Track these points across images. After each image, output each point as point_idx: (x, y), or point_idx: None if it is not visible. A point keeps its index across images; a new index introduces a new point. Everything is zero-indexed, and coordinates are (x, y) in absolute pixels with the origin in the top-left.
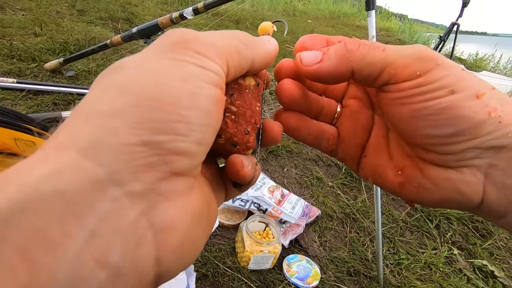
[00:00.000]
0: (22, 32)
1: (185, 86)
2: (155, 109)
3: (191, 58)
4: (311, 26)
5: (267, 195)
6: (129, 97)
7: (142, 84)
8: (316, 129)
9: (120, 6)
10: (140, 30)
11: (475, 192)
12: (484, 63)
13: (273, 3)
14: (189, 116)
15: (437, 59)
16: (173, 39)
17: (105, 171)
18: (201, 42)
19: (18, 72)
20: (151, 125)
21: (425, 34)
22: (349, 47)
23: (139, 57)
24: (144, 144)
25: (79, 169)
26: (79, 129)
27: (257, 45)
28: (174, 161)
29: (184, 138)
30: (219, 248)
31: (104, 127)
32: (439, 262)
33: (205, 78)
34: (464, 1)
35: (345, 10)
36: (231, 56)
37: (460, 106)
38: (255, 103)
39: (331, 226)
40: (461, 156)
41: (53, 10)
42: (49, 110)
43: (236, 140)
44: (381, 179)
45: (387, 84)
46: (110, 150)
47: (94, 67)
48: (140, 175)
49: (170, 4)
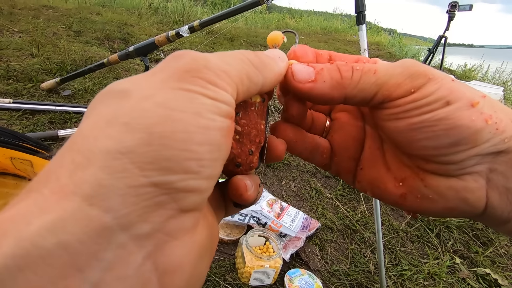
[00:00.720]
0: (19, 53)
1: (198, 120)
2: (168, 147)
3: (202, 89)
4: (304, 42)
5: (266, 208)
6: (140, 134)
7: (153, 120)
8: (311, 142)
9: (116, 27)
10: (137, 49)
11: (478, 199)
12: (473, 73)
13: (266, 21)
14: (201, 152)
15: (428, 73)
16: (184, 66)
17: (112, 217)
18: (213, 69)
19: (15, 92)
20: (163, 165)
21: (415, 47)
22: (343, 74)
23: (145, 84)
24: (154, 185)
25: (84, 218)
26: (83, 171)
27: (268, 68)
28: (184, 198)
29: (195, 176)
30: (218, 265)
31: (111, 169)
32: (442, 272)
33: (217, 110)
34: (450, 15)
35: (336, 26)
36: (242, 82)
37: (457, 116)
38: (260, 121)
39: (332, 238)
40: (463, 165)
41: (50, 31)
42: (46, 129)
43: (239, 161)
44: (380, 191)
45: (382, 103)
46: (118, 194)
47: (91, 86)
48: (148, 215)
49: (166, 24)
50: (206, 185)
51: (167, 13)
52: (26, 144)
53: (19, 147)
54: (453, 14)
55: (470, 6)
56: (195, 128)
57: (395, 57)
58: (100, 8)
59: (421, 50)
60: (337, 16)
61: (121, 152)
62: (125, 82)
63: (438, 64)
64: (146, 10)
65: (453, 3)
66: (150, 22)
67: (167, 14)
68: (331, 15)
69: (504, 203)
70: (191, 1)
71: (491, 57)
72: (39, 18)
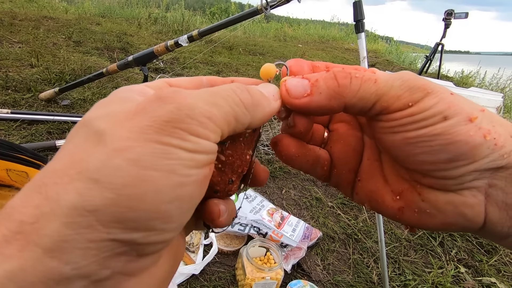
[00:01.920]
0: (18, 63)
1: (171, 179)
2: (134, 209)
3: (181, 142)
4: (302, 50)
5: (267, 218)
6: (107, 194)
7: (123, 180)
8: (312, 155)
9: (116, 36)
10: (136, 58)
11: (477, 214)
12: (470, 80)
13: (264, 30)
14: (169, 210)
15: (427, 87)
16: (166, 115)
17: (71, 268)
18: (197, 117)
19: (13, 103)
20: (127, 225)
21: (412, 55)
22: (341, 82)
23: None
24: (117, 240)
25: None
26: (47, 223)
27: (259, 108)
28: (144, 249)
29: (159, 232)
30: (218, 277)
31: (75, 225)
32: (447, 281)
33: (193, 163)
34: (446, 23)
35: (333, 34)
36: (228, 124)
37: (454, 131)
38: (246, 151)
39: (334, 248)
40: (461, 180)
41: (49, 42)
42: (43, 140)
43: (217, 189)
44: (378, 204)
45: (379, 114)
46: (79, 248)
47: (90, 95)
48: (108, 263)
49: (165, 33)
50: (170, 237)
51: (166, 23)
52: (22, 156)
53: (15, 159)
54: (449, 22)
55: (466, 14)
56: (166, 188)
57: (392, 65)
58: (100, 18)
59: (418, 57)
60: (335, 25)
61: (87, 210)
62: (106, 118)
63: (435, 70)
64: (145, 20)
65: (449, 11)
66: (149, 32)
67: (166, 24)
68: (329, 24)
69: (504, 219)
70: (190, 11)
71: (487, 63)
72: (39, 28)
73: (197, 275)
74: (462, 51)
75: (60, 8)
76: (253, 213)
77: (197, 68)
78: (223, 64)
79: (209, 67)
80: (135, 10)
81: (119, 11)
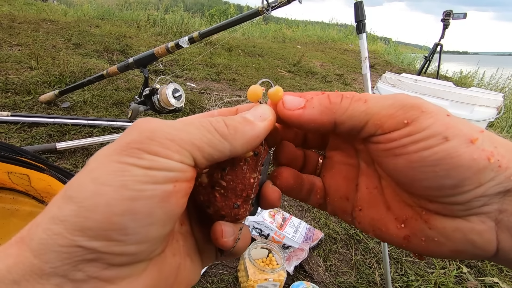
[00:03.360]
0: (18, 66)
1: (121, 193)
2: (90, 219)
3: (138, 160)
4: (301, 51)
5: (268, 219)
6: (73, 207)
7: (85, 194)
8: (308, 184)
9: (115, 39)
10: (136, 60)
11: (487, 241)
12: (469, 80)
13: (263, 31)
14: (122, 222)
15: (421, 106)
16: (129, 138)
17: (50, 267)
18: (157, 139)
19: (13, 105)
20: (87, 233)
21: (410, 55)
22: (332, 100)
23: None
24: (82, 247)
25: (30, 266)
26: (34, 229)
27: (239, 134)
28: (111, 259)
29: (119, 243)
30: (221, 279)
31: (50, 231)
32: (450, 282)
33: (147, 179)
34: (444, 24)
35: (332, 35)
36: (199, 149)
37: (457, 154)
38: (250, 175)
39: (336, 249)
40: (469, 206)
41: (49, 44)
42: (44, 142)
43: (223, 214)
44: (382, 233)
45: (374, 135)
46: (53, 251)
47: (90, 98)
48: (81, 267)
49: (164, 35)
50: (136, 249)
51: (165, 25)
52: (24, 158)
53: (16, 161)
54: (447, 22)
55: (464, 15)
56: (116, 201)
57: (391, 65)
58: (99, 21)
59: (417, 57)
60: (333, 26)
61: (60, 219)
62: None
63: (434, 71)
64: (144, 22)
65: (447, 12)
66: (148, 34)
67: (165, 26)
68: (327, 25)
69: None
70: (189, 13)
71: (485, 63)
72: (39, 31)
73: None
74: (461, 52)
75: (59, 10)
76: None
77: (196, 70)
78: (222, 66)
79: (208, 68)
80: (134, 12)
81: (118, 14)
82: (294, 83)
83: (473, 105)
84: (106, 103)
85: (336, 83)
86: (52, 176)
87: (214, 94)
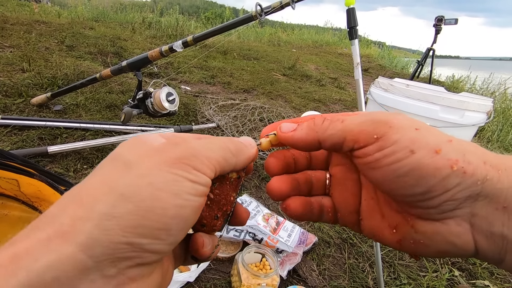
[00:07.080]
0: (9, 68)
1: (175, 200)
2: (146, 218)
3: (187, 174)
4: (296, 55)
5: (262, 223)
6: (129, 205)
7: (142, 196)
8: (317, 206)
9: (109, 41)
10: (130, 63)
11: (466, 242)
12: (461, 84)
13: (258, 34)
14: (171, 224)
15: (389, 122)
16: (178, 154)
17: (93, 261)
18: (199, 157)
19: (4, 108)
20: (140, 231)
21: (404, 59)
22: (316, 122)
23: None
24: (129, 244)
25: (74, 261)
26: (82, 223)
27: (241, 153)
28: (147, 257)
29: (161, 242)
30: (214, 284)
31: (102, 227)
32: (441, 285)
33: (194, 191)
34: (436, 29)
35: (327, 39)
36: (220, 164)
37: (422, 166)
38: (231, 193)
39: (329, 253)
40: (441, 209)
41: (42, 46)
42: (35, 146)
43: (204, 223)
44: (380, 239)
45: (353, 150)
46: (101, 246)
47: (83, 101)
48: (117, 263)
49: (159, 38)
50: (168, 249)
51: (160, 28)
52: (12, 163)
53: (4, 166)
54: (439, 28)
55: (456, 20)
56: (171, 206)
57: (385, 69)
58: (94, 22)
59: (410, 62)
60: (328, 30)
61: (114, 216)
62: (132, 153)
63: (427, 75)
64: (139, 24)
65: (439, 17)
66: (143, 37)
67: (160, 28)
68: (322, 29)
69: (493, 246)
70: (185, 16)
71: (477, 68)
72: (31, 33)
73: (192, 282)
74: (453, 56)
75: (52, 12)
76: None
77: (191, 73)
78: (217, 69)
79: (203, 71)
80: (129, 14)
81: (113, 16)
82: (289, 86)
83: (464, 110)
84: (99, 106)
85: (331, 87)
86: (42, 181)
87: (208, 97)
